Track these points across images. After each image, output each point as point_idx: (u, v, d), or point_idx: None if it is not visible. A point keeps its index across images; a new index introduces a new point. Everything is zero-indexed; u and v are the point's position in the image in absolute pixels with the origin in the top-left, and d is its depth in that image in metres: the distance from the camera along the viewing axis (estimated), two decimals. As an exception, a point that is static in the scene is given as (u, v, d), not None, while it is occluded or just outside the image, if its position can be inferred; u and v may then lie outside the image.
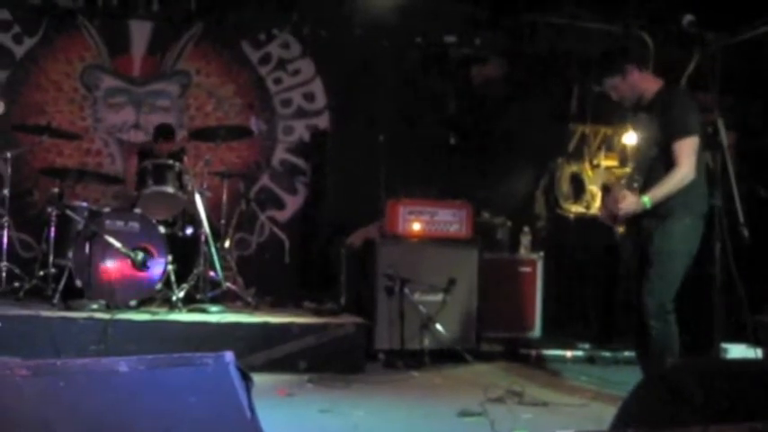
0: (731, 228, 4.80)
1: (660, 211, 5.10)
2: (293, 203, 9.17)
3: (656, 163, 5.10)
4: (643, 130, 5.28)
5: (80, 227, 6.72)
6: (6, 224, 7.04)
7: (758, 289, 5.50)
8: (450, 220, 7.32)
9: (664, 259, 5.13)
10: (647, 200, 5.05)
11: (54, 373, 2.69)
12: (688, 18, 4.79)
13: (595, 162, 8.78)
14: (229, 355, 2.92)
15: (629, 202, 5.07)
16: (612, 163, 8.74)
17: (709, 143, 4.93)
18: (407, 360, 6.70)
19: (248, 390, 2.93)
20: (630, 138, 5.70)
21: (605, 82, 5.32)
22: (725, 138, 4.58)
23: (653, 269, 5.15)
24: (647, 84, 5.30)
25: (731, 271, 4.55)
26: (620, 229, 5.27)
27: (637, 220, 5.20)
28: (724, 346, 5.79)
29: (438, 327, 6.87)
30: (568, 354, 7.33)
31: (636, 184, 5.09)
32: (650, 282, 5.15)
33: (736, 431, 2.74)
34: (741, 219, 4.40)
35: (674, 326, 5.14)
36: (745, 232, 4.44)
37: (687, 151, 5.00)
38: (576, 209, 8.75)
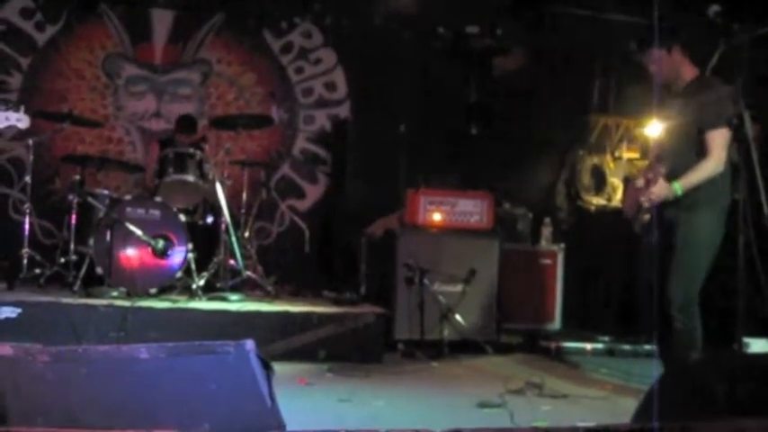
0: (755, 221, 4.76)
1: (685, 202, 5.05)
2: (313, 193, 9.17)
3: (687, 150, 5.06)
4: (675, 116, 5.19)
5: (101, 214, 6.74)
6: (28, 211, 7.07)
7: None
8: (470, 210, 7.29)
9: (690, 251, 5.08)
10: (678, 186, 4.99)
11: (75, 360, 2.71)
12: (714, 8, 4.75)
13: (617, 154, 8.74)
14: (250, 344, 2.93)
15: (661, 188, 5.02)
16: (634, 155, 8.70)
17: (734, 135, 4.88)
18: (427, 350, 6.69)
19: (269, 378, 2.94)
20: (654, 128, 5.57)
21: (652, 52, 5.20)
22: (750, 130, 4.53)
23: (679, 261, 5.09)
24: (685, 68, 5.22)
25: (755, 264, 4.51)
26: (646, 217, 5.18)
27: (660, 211, 5.13)
28: (746, 340, 5.74)
29: (458, 317, 6.86)
30: (588, 346, 7.29)
31: (663, 170, 5.04)
32: (676, 274, 5.08)
33: (760, 425, 2.72)
34: (766, 212, 4.36)
35: (699, 319, 5.10)
36: (770, 224, 4.39)
37: (721, 142, 4.96)
38: (597, 201, 8.72)
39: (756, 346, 6.28)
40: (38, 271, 6.90)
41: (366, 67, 9.10)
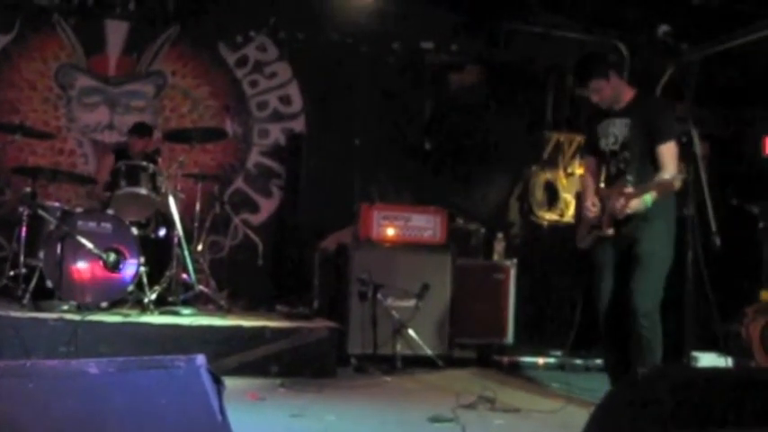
0: (703, 237, 4.84)
1: (644, 214, 5.17)
2: (268, 207, 9.14)
3: (644, 165, 5.19)
4: (618, 134, 5.33)
5: (52, 227, 6.65)
6: (-23, 223, 6.98)
7: (729, 298, 5.55)
8: (424, 225, 7.32)
9: (654, 261, 5.20)
10: (648, 199, 5.10)
11: (23, 375, 2.67)
12: (663, 28, 4.87)
13: (569, 170, 8.82)
14: (201, 359, 2.91)
15: (637, 203, 5.11)
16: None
17: (682, 153, 4.98)
18: (380, 365, 6.69)
19: (219, 393, 2.92)
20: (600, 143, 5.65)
21: (591, 83, 5.39)
22: (698, 148, 4.62)
23: (642, 271, 5.20)
24: (624, 89, 5.44)
25: (703, 280, 4.59)
26: (610, 232, 5.30)
27: (617, 223, 5.27)
28: (695, 354, 5.83)
29: (411, 332, 6.87)
30: (540, 360, 7.35)
31: (629, 186, 5.13)
32: (641, 283, 5.19)
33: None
34: (713, 228, 4.44)
35: (660, 326, 5.21)
36: (717, 241, 4.48)
37: (672, 154, 5.12)
38: (549, 216, 8.79)
39: (705, 360, 6.36)
40: (-14, 284, 6.80)
41: (321, 81, 9.11)
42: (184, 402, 2.83)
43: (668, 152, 5.11)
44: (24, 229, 6.74)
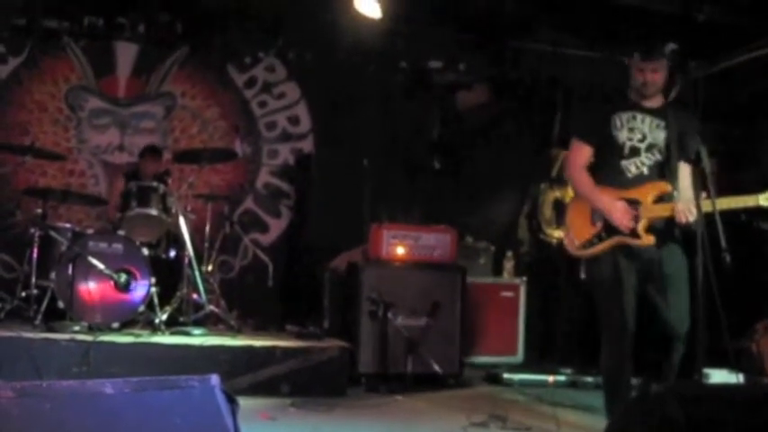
0: (713, 254, 4.83)
1: (671, 232, 4.87)
2: (277, 227, 9.17)
3: (675, 176, 4.84)
4: (648, 133, 4.91)
5: (63, 248, 6.69)
6: (-12, 245, 7.03)
7: (739, 314, 5.54)
8: (433, 244, 7.33)
9: (685, 278, 4.84)
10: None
11: (40, 395, 2.68)
12: (670, 46, 4.82)
13: (578, 188, 8.81)
14: (215, 378, 2.92)
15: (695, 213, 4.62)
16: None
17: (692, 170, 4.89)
18: (390, 384, 6.69)
19: (234, 413, 2.93)
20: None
21: (659, 61, 4.85)
22: (707, 164, 4.60)
23: (680, 289, 4.85)
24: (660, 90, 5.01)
25: (713, 296, 4.57)
26: (651, 240, 4.79)
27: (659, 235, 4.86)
28: (706, 371, 5.80)
29: (421, 351, 6.87)
30: (551, 379, 7.34)
31: (675, 193, 4.80)
32: (680, 302, 4.83)
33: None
34: (723, 245, 4.42)
35: None
36: (728, 258, 4.45)
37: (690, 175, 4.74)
38: (558, 234, 8.78)
39: (717, 377, 6.35)
40: (-2, 305, 6.84)
41: (329, 101, 9.16)
42: (199, 422, 2.84)
43: (687, 171, 4.77)
44: (36, 250, 6.80)
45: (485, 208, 8.98)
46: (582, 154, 5.10)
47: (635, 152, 4.90)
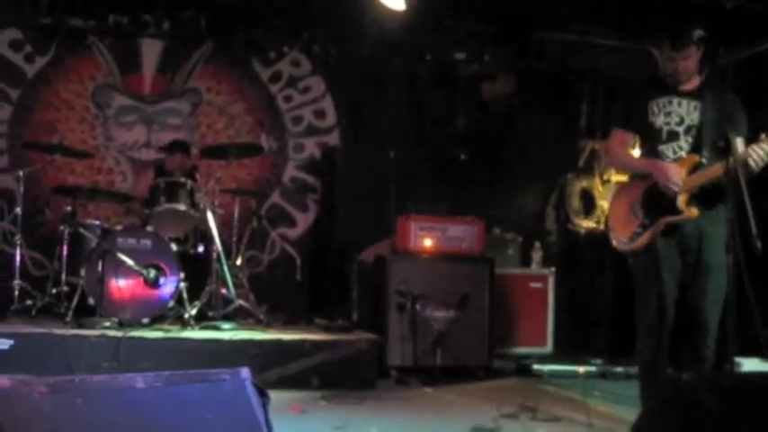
0: (743, 241, 4.77)
1: (714, 215, 4.69)
2: (304, 221, 9.18)
3: (712, 156, 4.70)
4: (685, 116, 4.81)
5: (93, 245, 6.73)
6: (19, 243, 7.08)
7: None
8: (461, 236, 7.32)
9: (722, 271, 4.60)
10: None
11: (71, 390, 2.70)
12: (698, 33, 4.77)
13: (605, 177, 8.79)
14: (246, 372, 2.94)
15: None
16: (622, 178, 8.73)
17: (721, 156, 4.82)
18: (420, 376, 6.69)
19: (265, 406, 2.95)
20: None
21: (688, 49, 4.74)
22: (738, 152, 4.54)
23: (717, 283, 4.65)
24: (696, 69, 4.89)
25: (744, 284, 4.52)
26: (692, 213, 4.63)
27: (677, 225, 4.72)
28: (738, 359, 5.76)
29: (450, 343, 6.86)
30: (581, 369, 7.30)
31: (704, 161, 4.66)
32: (715, 297, 4.66)
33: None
34: (754, 231, 4.36)
35: None
36: (759, 245, 4.39)
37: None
38: (586, 224, 8.76)
39: (749, 365, 6.30)
40: (29, 302, 6.88)
41: (355, 94, 9.16)
42: (230, 415, 2.85)
43: (740, 146, 4.61)
44: (65, 247, 6.85)
45: (512, 199, 8.95)
46: (623, 140, 5.05)
47: (673, 136, 4.83)
